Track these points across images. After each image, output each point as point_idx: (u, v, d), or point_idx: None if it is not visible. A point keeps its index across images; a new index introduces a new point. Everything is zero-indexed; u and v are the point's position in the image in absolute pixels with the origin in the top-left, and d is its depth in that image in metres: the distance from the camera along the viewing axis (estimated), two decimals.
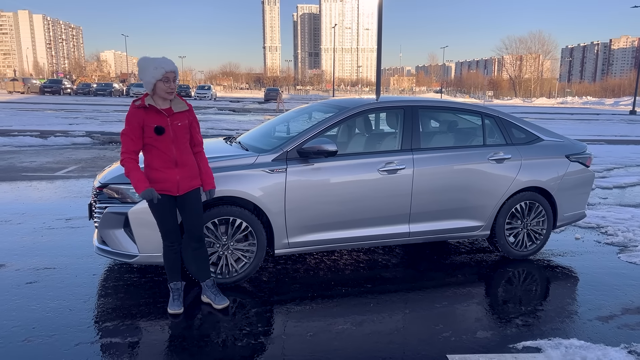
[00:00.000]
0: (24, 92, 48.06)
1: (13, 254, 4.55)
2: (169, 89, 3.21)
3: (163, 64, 3.19)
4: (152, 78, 3.17)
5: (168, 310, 3.48)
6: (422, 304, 3.78)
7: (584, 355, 3.03)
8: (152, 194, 3.17)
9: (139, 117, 3.19)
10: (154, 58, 3.24)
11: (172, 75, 3.21)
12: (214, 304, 3.59)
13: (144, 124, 3.20)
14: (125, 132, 3.21)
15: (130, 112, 3.22)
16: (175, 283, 3.56)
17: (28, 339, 3.07)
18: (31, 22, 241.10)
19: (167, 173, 3.27)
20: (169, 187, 3.29)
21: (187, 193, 3.37)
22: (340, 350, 3.05)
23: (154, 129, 3.19)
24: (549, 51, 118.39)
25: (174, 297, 3.53)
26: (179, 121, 3.30)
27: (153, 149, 3.25)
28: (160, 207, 3.32)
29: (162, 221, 3.37)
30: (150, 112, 3.22)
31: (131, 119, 3.20)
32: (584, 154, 5.04)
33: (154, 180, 3.27)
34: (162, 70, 3.17)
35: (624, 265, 4.74)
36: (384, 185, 4.25)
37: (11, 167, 9.12)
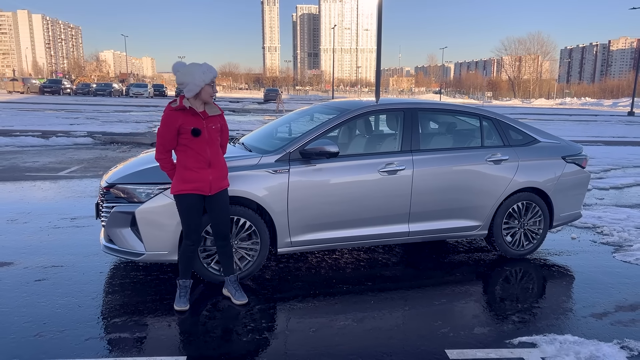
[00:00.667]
0: (24, 92, 48.14)
1: (20, 252, 4.65)
2: (213, 93, 3.40)
3: (211, 70, 3.38)
4: (201, 82, 3.31)
5: (174, 307, 3.58)
6: (421, 302, 3.88)
7: (578, 350, 3.13)
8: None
9: (176, 119, 3.33)
10: (199, 64, 3.37)
11: (215, 81, 3.44)
12: (233, 298, 3.73)
13: (181, 125, 3.33)
14: (161, 133, 3.37)
15: (167, 114, 3.36)
16: (185, 280, 3.65)
17: (39, 334, 3.17)
18: (30, 21, 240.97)
19: (201, 173, 3.40)
20: (202, 187, 3.42)
21: (217, 193, 3.52)
22: (342, 346, 3.15)
23: (191, 131, 3.33)
24: (548, 52, 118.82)
25: (180, 294, 3.63)
26: (213, 124, 3.46)
27: (188, 149, 3.38)
28: (190, 206, 3.44)
29: (188, 220, 3.48)
30: (187, 114, 3.36)
31: (168, 120, 3.34)
32: (580, 156, 5.15)
33: (188, 180, 3.40)
34: (211, 75, 3.35)
35: (618, 264, 4.85)
36: (384, 186, 4.35)
37: (15, 167, 9.21)
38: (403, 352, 3.10)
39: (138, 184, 3.91)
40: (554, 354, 3.10)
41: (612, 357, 3.06)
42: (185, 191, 3.41)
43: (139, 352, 3.01)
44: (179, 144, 3.40)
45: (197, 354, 3.01)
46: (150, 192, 3.85)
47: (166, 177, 3.88)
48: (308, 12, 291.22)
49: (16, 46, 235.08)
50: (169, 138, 3.36)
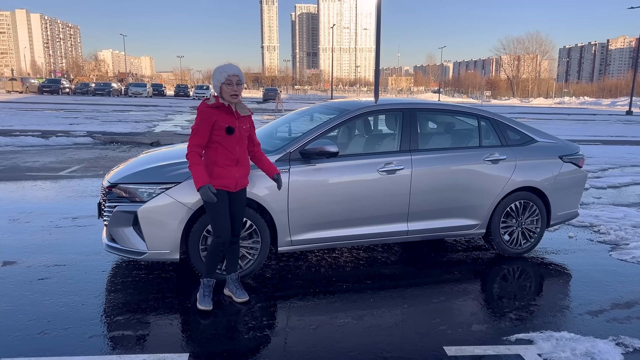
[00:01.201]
0: (23, 91, 48.11)
1: (23, 251, 4.69)
2: (232, 91, 3.41)
3: (226, 69, 3.43)
4: (217, 82, 3.42)
5: (198, 306, 3.59)
6: (420, 300, 3.94)
7: (574, 346, 3.18)
8: (208, 191, 3.32)
9: (212, 115, 3.40)
10: (222, 65, 3.47)
11: (236, 79, 3.41)
12: (234, 296, 3.77)
13: (216, 122, 3.39)
14: (196, 128, 3.40)
15: (204, 110, 3.42)
16: (209, 280, 3.67)
17: (44, 332, 3.21)
18: (29, 21, 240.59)
19: (229, 170, 3.47)
20: (229, 184, 3.48)
21: (241, 190, 3.61)
22: (342, 343, 3.20)
23: (226, 129, 3.39)
24: (547, 51, 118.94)
25: (204, 294, 3.64)
26: (243, 124, 3.54)
27: (219, 146, 3.43)
28: (219, 203, 3.46)
29: (218, 217, 3.50)
30: (222, 112, 3.43)
31: (204, 116, 3.39)
32: (577, 155, 5.20)
33: (216, 176, 3.45)
34: (225, 74, 3.40)
35: (615, 263, 4.90)
36: (383, 185, 4.41)
37: (15, 167, 9.25)
38: (401, 349, 3.15)
39: (140, 184, 3.95)
40: (551, 351, 3.15)
41: (607, 354, 3.11)
42: (215, 187, 3.44)
43: (142, 349, 3.06)
44: (210, 140, 3.44)
45: (200, 351, 3.05)
46: (152, 192, 3.90)
47: (168, 177, 3.95)
48: (307, 11, 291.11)
49: (14, 46, 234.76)
50: (204, 133, 3.39)
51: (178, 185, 3.89)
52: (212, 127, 3.40)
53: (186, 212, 3.87)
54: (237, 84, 3.43)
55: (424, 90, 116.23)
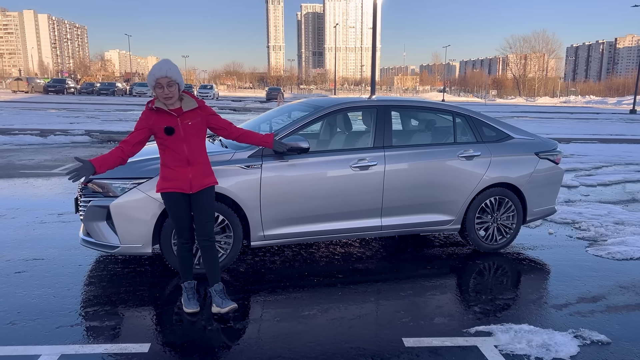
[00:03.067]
0: (28, 91, 48.53)
1: (5, 245, 4.79)
2: (163, 95, 3.26)
3: (155, 71, 3.26)
4: (149, 85, 3.31)
5: (185, 310, 3.51)
6: (388, 293, 3.99)
7: (531, 338, 3.23)
8: (80, 166, 3.21)
9: (150, 118, 3.34)
10: (154, 64, 3.33)
11: (165, 81, 3.23)
12: (221, 309, 3.49)
13: (154, 125, 3.32)
14: (134, 128, 3.39)
15: (144, 112, 3.39)
16: (189, 282, 3.63)
17: (13, 322, 3.30)
18: (36, 21, 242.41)
19: (180, 171, 3.37)
20: (182, 185, 3.38)
21: (200, 191, 3.44)
22: (303, 334, 3.26)
23: (164, 130, 3.30)
24: (553, 50, 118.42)
25: (188, 296, 3.57)
26: (190, 120, 3.35)
27: (166, 148, 3.36)
28: (173, 205, 3.42)
29: (176, 219, 3.46)
30: (160, 114, 3.34)
31: (141, 118, 3.38)
32: (554, 152, 5.23)
33: (168, 178, 3.38)
34: (153, 78, 3.26)
35: (589, 258, 4.93)
36: (356, 181, 4.46)
37: (10, 165, 9.38)
38: (361, 340, 3.21)
39: (114, 179, 4.03)
40: (507, 342, 3.20)
41: (563, 345, 3.15)
42: (166, 189, 3.40)
43: (105, 339, 3.13)
44: (158, 143, 3.40)
45: (161, 341, 3.13)
46: (125, 187, 3.98)
47: (140, 172, 4.03)
48: (313, 10, 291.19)
49: (22, 46, 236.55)
50: (136, 132, 3.36)
51: (150, 180, 3.96)
52: (152, 130, 3.34)
53: (158, 207, 3.94)
54: (168, 86, 3.23)
55: (430, 90, 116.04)
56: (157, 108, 3.34)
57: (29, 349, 2.97)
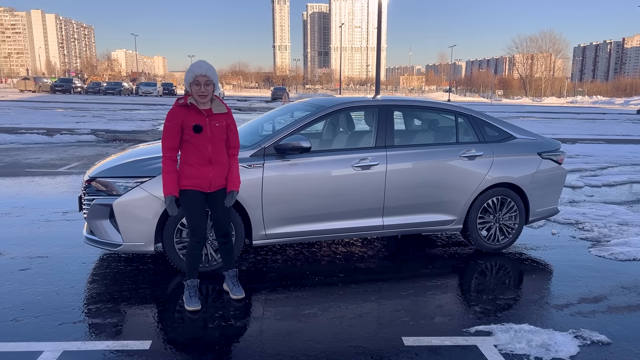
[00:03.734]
0: (35, 90, 48.86)
1: (10, 243, 4.84)
2: (199, 92, 3.34)
3: (195, 68, 3.36)
4: (186, 82, 3.39)
5: (186, 307, 3.55)
6: (389, 293, 4.00)
7: (531, 338, 3.23)
8: (171, 203, 3.35)
9: (180, 115, 3.37)
10: (194, 62, 3.43)
11: (204, 80, 3.33)
12: (230, 293, 3.78)
13: (184, 121, 3.36)
14: (165, 129, 3.39)
15: (172, 110, 3.40)
16: (193, 280, 3.63)
17: (16, 319, 3.34)
18: (44, 21, 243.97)
19: (201, 170, 3.42)
20: (202, 184, 3.44)
21: (218, 191, 3.52)
22: (303, 332, 3.28)
23: (193, 127, 3.36)
24: (561, 50, 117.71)
25: (190, 294, 3.60)
26: (217, 122, 3.45)
27: (190, 146, 3.40)
28: (191, 203, 3.46)
29: (191, 216, 3.50)
30: (191, 111, 3.39)
31: (172, 116, 3.38)
32: (557, 152, 5.21)
33: (189, 176, 3.42)
34: (192, 74, 3.35)
35: (592, 259, 4.92)
36: (358, 181, 4.47)
37: (16, 164, 9.46)
38: (361, 339, 3.22)
39: (117, 178, 4.07)
40: (507, 342, 3.20)
41: (563, 345, 3.15)
42: (184, 187, 3.43)
43: (107, 336, 3.16)
44: (182, 140, 3.42)
45: (163, 339, 3.15)
46: (128, 186, 4.01)
47: (143, 171, 4.07)
48: (318, 10, 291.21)
49: (30, 45, 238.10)
50: (173, 134, 3.37)
51: (152, 179, 3.99)
52: (182, 127, 3.39)
53: (160, 206, 3.96)
54: (205, 85, 3.34)
55: (436, 89, 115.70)
56: (190, 104, 3.39)
57: (31, 346, 3.01)
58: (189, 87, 3.41)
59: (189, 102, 3.40)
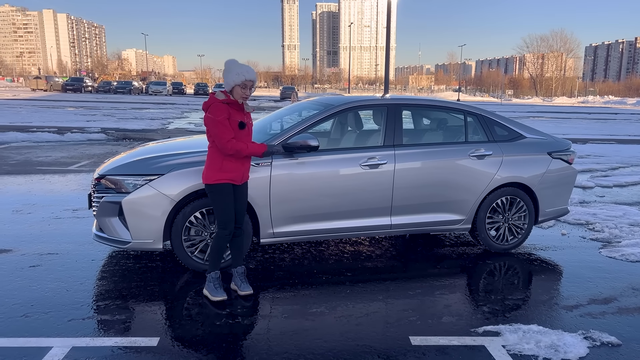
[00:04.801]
0: (47, 89, 49.32)
1: (21, 240, 4.89)
2: (244, 94, 3.52)
3: (245, 73, 3.48)
4: (232, 82, 3.47)
5: (213, 299, 3.66)
6: (396, 292, 3.98)
7: (539, 339, 3.20)
8: (271, 148, 3.75)
9: (225, 110, 3.48)
10: (240, 64, 3.54)
11: (250, 84, 3.52)
12: (239, 290, 3.80)
13: (231, 117, 3.49)
14: (221, 123, 3.45)
15: (218, 106, 3.48)
16: (216, 272, 3.76)
17: (26, 315, 3.37)
18: (55, 21, 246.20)
19: (238, 164, 3.59)
20: (236, 177, 3.59)
21: (244, 184, 3.73)
22: (310, 330, 3.28)
23: (238, 124, 3.51)
24: (572, 49, 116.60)
25: (215, 286, 3.72)
26: (249, 120, 3.70)
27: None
28: (226, 197, 3.59)
29: (224, 210, 3.61)
30: (233, 108, 3.52)
31: (221, 111, 3.46)
32: (567, 152, 5.17)
33: (226, 169, 3.55)
34: (242, 77, 3.47)
35: (602, 260, 4.87)
36: (366, 179, 4.46)
37: (27, 162, 9.56)
38: (368, 338, 3.21)
39: (126, 175, 4.09)
40: (515, 342, 3.17)
41: (572, 347, 3.12)
42: (221, 180, 3.54)
43: (116, 332, 3.18)
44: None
45: (170, 336, 3.17)
46: (137, 183, 4.03)
47: (152, 169, 4.08)
48: (328, 10, 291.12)
49: (42, 45, 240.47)
50: (227, 126, 3.45)
51: (161, 177, 4.01)
52: (228, 121, 3.49)
53: (169, 203, 3.99)
54: (250, 88, 3.54)
55: (445, 89, 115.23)
56: (232, 101, 3.52)
57: (41, 341, 3.03)
58: (230, 87, 3.51)
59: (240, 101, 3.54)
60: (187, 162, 4.09)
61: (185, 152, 4.31)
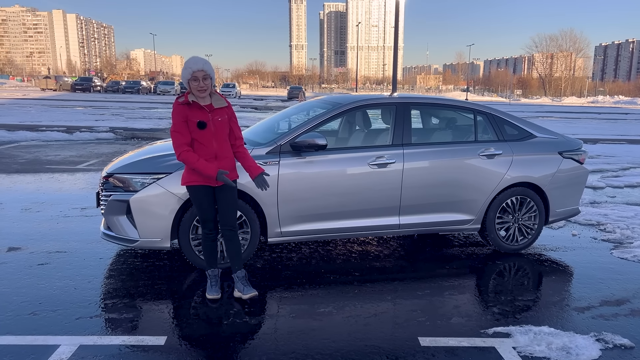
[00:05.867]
0: (56, 89, 49.64)
1: (29, 238, 4.90)
2: (198, 87, 3.37)
3: (191, 64, 3.37)
4: (184, 78, 3.40)
5: (207, 296, 3.67)
6: (405, 292, 3.95)
7: (551, 340, 3.15)
8: (223, 175, 3.42)
9: (183, 112, 3.40)
10: (190, 58, 3.43)
11: (201, 74, 3.36)
12: (242, 294, 3.66)
13: (188, 119, 3.39)
14: (174, 128, 3.41)
15: (175, 109, 3.42)
16: (213, 270, 3.75)
17: (34, 313, 3.37)
18: (65, 21, 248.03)
19: (213, 165, 3.45)
20: (209, 179, 3.49)
21: (224, 185, 3.55)
22: (318, 330, 3.25)
23: (197, 124, 3.39)
24: (581, 49, 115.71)
25: (211, 284, 3.72)
26: (219, 117, 3.48)
27: (195, 142, 3.45)
28: (200, 198, 3.54)
29: (201, 210, 3.59)
30: (193, 108, 3.41)
31: (176, 115, 3.40)
32: (578, 151, 5.10)
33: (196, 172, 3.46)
34: (189, 70, 3.36)
35: (614, 261, 4.80)
36: (374, 179, 4.43)
37: (37, 160, 9.61)
38: (376, 338, 3.18)
39: (134, 174, 4.09)
40: (526, 344, 3.13)
41: (584, 349, 3.07)
42: (193, 182, 3.50)
43: (123, 331, 3.17)
44: None
45: (177, 335, 3.15)
46: (145, 182, 4.02)
47: (160, 168, 4.07)
48: (335, 9, 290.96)
49: (51, 45, 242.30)
50: (184, 130, 3.39)
51: (169, 176, 4.00)
52: (187, 124, 3.41)
53: (176, 202, 3.98)
54: (203, 79, 3.36)
55: (453, 89, 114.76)
56: (193, 102, 3.41)
57: (48, 339, 3.03)
58: (187, 84, 3.43)
59: (190, 100, 3.41)
60: None
61: None
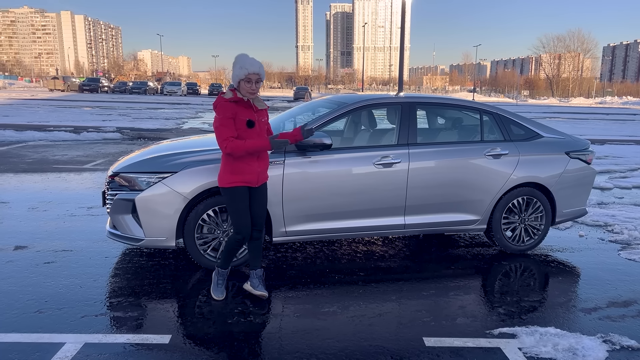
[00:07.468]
0: (64, 90, 50.01)
1: (36, 237, 4.93)
2: (250, 89, 3.32)
3: (247, 65, 3.29)
4: (236, 76, 3.32)
5: (212, 296, 3.66)
6: (410, 293, 3.93)
7: (557, 342, 3.13)
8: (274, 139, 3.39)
9: (232, 109, 3.31)
10: (244, 57, 3.34)
11: (255, 77, 3.31)
12: (254, 290, 3.69)
13: (236, 116, 3.32)
14: (221, 122, 3.31)
15: (222, 105, 3.33)
16: (223, 270, 3.71)
17: (40, 311, 3.39)
18: (73, 22, 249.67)
19: (251, 165, 3.42)
20: (250, 179, 3.43)
21: (262, 185, 3.57)
22: (322, 330, 3.25)
23: (247, 122, 3.33)
24: (589, 50, 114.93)
25: (218, 282, 3.70)
26: (261, 117, 3.48)
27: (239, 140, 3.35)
28: (239, 201, 3.44)
29: (238, 215, 3.47)
30: (240, 106, 3.35)
31: (224, 111, 3.31)
32: (585, 152, 5.06)
33: (238, 171, 3.39)
34: (245, 71, 3.28)
35: (622, 262, 4.76)
36: (379, 179, 4.41)
37: (44, 160, 9.67)
38: (381, 338, 3.17)
39: (140, 173, 4.10)
40: (532, 345, 3.11)
41: (591, 350, 3.05)
42: (234, 183, 3.42)
43: (128, 329, 3.18)
44: None
45: (182, 333, 3.16)
46: (150, 181, 4.03)
47: (165, 167, 4.08)
48: (342, 10, 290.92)
49: (59, 46, 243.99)
50: (231, 125, 3.30)
51: (174, 175, 4.01)
52: (233, 121, 3.33)
53: (182, 201, 3.98)
54: (256, 82, 3.33)
55: (460, 89, 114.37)
56: (240, 99, 3.35)
57: (54, 337, 3.04)
58: (236, 83, 3.35)
59: (245, 98, 3.35)
60: (200, 160, 4.09)
61: (198, 150, 4.30)
